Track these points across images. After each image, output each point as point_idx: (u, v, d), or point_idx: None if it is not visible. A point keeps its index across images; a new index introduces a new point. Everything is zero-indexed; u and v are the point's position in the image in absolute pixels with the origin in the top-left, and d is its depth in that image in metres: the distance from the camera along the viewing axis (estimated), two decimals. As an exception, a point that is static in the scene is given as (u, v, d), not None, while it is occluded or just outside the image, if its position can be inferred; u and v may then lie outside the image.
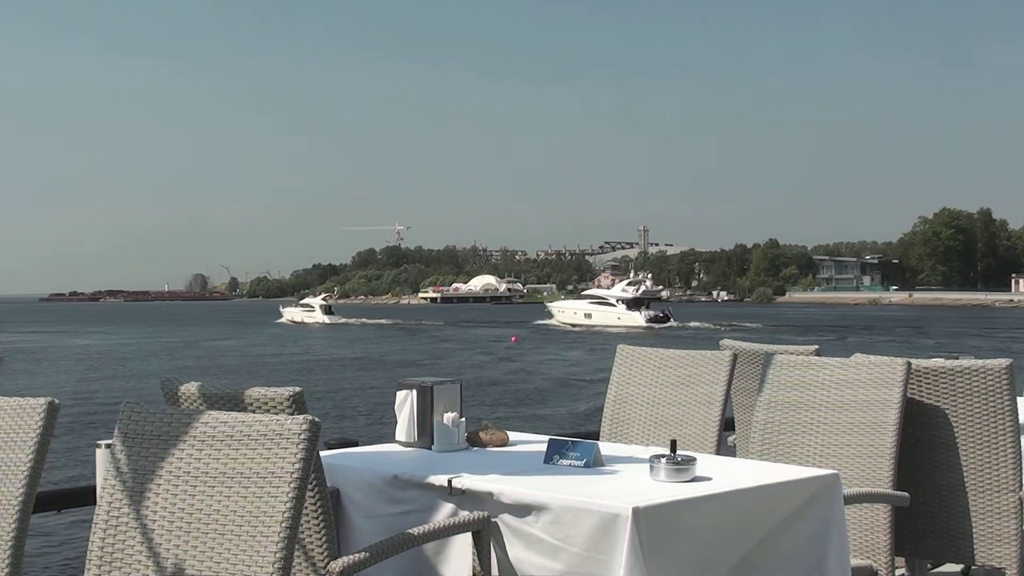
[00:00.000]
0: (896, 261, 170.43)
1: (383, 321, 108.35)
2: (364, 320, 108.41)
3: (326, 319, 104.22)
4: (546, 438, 3.94)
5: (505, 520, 3.33)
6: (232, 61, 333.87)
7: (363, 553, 3.10)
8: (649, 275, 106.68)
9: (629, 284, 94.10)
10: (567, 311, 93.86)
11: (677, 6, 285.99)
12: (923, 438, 4.30)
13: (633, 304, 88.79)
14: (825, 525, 3.52)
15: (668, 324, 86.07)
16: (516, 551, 3.31)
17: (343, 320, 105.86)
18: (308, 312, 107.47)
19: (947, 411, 4.27)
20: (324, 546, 3.29)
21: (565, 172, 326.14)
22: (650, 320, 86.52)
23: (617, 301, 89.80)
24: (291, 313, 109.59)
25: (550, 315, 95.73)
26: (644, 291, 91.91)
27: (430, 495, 3.50)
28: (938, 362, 4.32)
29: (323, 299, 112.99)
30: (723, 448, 4.71)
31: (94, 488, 3.82)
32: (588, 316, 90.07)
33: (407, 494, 3.57)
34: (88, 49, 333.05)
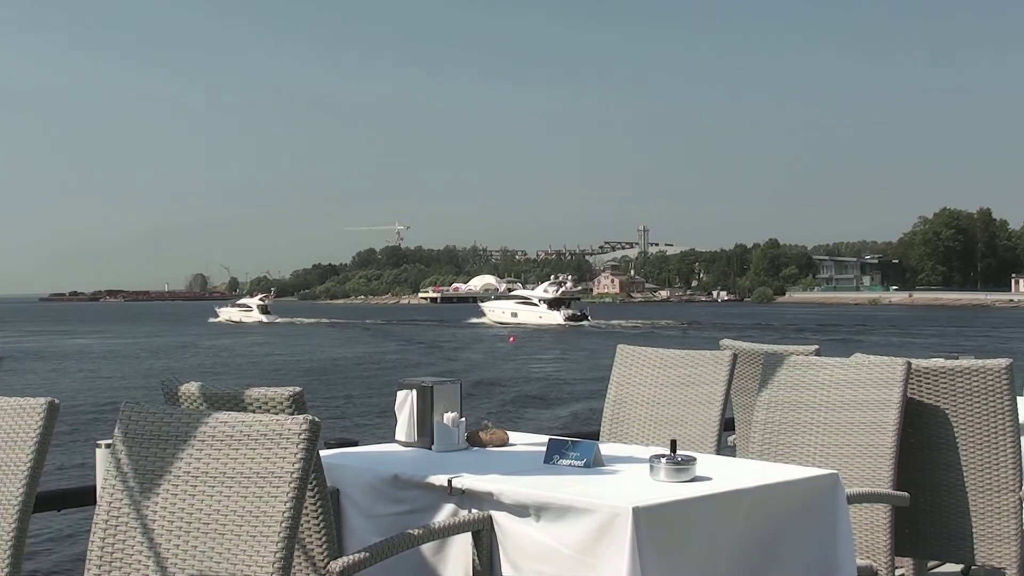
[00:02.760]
0: (896, 261, 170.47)
1: (322, 320, 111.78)
2: (302, 319, 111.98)
3: (264, 318, 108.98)
4: (546, 438, 3.94)
5: (505, 520, 3.33)
6: (232, 61, 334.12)
7: (363, 553, 3.10)
8: (570, 277, 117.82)
9: (551, 285, 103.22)
10: (496, 310, 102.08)
11: (677, 6, 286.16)
12: (923, 438, 4.30)
13: (553, 304, 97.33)
14: (827, 525, 3.52)
15: (583, 322, 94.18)
16: (516, 551, 3.31)
17: (280, 319, 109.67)
18: (245, 312, 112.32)
19: (947, 411, 4.27)
20: (324, 546, 3.29)
21: (565, 172, 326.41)
22: (568, 319, 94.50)
23: (539, 301, 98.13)
24: (227, 313, 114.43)
25: (483, 314, 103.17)
26: (564, 292, 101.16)
27: (430, 495, 3.50)
28: (938, 362, 4.32)
29: (260, 299, 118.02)
30: (723, 448, 4.71)
31: (94, 488, 3.82)
32: (515, 315, 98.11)
33: (407, 494, 3.57)
34: (86, 48, 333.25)
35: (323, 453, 3.68)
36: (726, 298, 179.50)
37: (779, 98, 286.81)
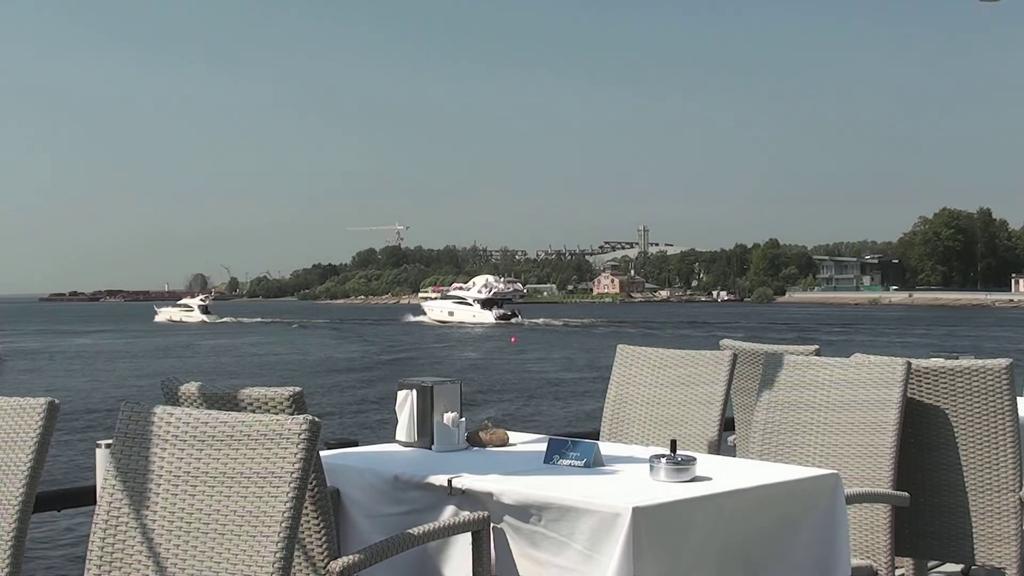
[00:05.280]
0: (896, 261, 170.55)
1: (261, 320, 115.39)
2: (242, 319, 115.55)
3: (205, 318, 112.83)
4: (546, 438, 3.95)
5: (505, 520, 3.33)
6: (231, 61, 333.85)
7: (363, 553, 3.10)
8: (502, 278, 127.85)
9: (484, 286, 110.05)
10: (435, 309, 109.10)
11: (677, 6, 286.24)
12: (923, 438, 4.31)
13: (486, 304, 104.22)
14: (826, 525, 3.52)
15: (514, 321, 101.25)
16: (516, 551, 3.31)
17: (221, 319, 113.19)
18: (186, 312, 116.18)
19: (947, 411, 4.27)
20: (324, 546, 3.29)
21: (565, 172, 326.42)
22: (499, 318, 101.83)
23: (473, 301, 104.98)
24: (168, 313, 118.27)
25: (423, 312, 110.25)
26: (496, 292, 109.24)
27: (430, 495, 3.50)
28: (938, 362, 4.32)
29: (201, 299, 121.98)
30: (723, 448, 4.72)
31: (94, 488, 3.83)
32: (451, 314, 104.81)
33: (407, 494, 3.57)
34: (85, 46, 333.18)
35: (323, 453, 3.69)
36: (726, 298, 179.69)
37: (779, 98, 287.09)
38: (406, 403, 4.08)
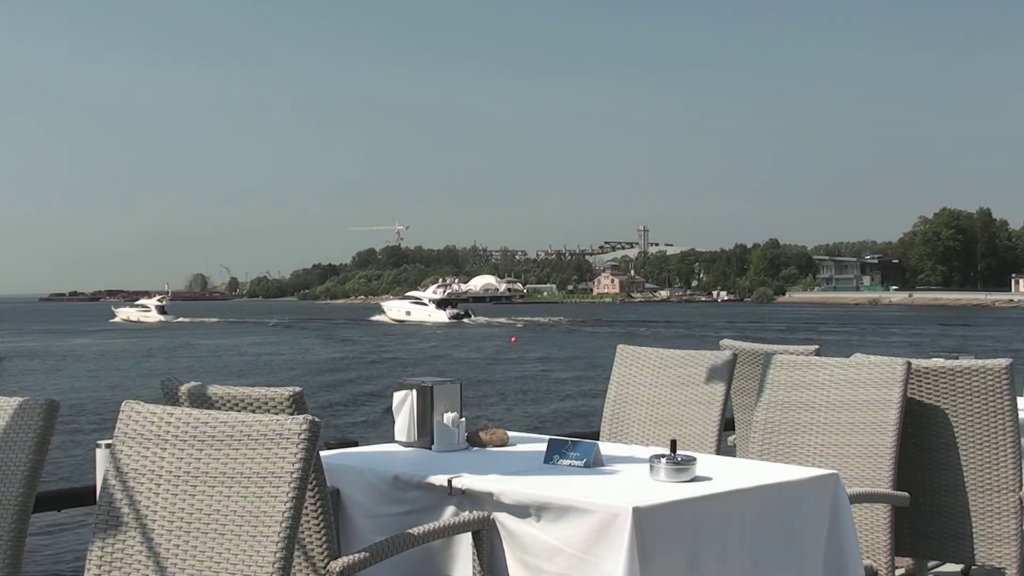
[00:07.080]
0: (896, 261, 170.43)
1: (215, 319, 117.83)
2: (202, 319, 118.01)
3: (161, 317, 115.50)
4: (546, 438, 3.94)
5: (505, 520, 3.33)
6: (232, 62, 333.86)
7: (363, 553, 3.10)
8: (456, 279, 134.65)
9: (439, 287, 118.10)
10: (393, 309, 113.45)
11: (679, 6, 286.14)
12: (923, 438, 4.31)
13: (441, 304, 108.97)
14: (831, 525, 3.52)
15: (466, 321, 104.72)
16: (516, 551, 3.31)
17: (177, 319, 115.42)
18: (143, 312, 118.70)
19: (947, 411, 4.27)
20: (324, 546, 3.29)
21: (565, 172, 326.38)
22: (452, 317, 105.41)
23: (429, 301, 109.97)
24: (125, 313, 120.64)
25: (382, 311, 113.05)
26: (450, 293, 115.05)
27: (430, 495, 3.50)
28: (938, 362, 4.32)
29: (158, 300, 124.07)
30: (723, 448, 4.72)
31: (94, 488, 3.83)
32: (408, 313, 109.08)
33: (407, 494, 3.57)
34: (85, 43, 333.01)
35: (323, 453, 3.69)
36: (726, 298, 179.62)
37: (779, 98, 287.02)
38: (405, 403, 4.07)
